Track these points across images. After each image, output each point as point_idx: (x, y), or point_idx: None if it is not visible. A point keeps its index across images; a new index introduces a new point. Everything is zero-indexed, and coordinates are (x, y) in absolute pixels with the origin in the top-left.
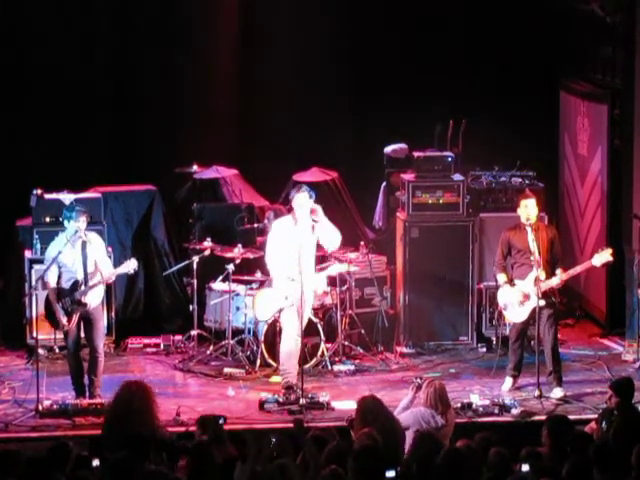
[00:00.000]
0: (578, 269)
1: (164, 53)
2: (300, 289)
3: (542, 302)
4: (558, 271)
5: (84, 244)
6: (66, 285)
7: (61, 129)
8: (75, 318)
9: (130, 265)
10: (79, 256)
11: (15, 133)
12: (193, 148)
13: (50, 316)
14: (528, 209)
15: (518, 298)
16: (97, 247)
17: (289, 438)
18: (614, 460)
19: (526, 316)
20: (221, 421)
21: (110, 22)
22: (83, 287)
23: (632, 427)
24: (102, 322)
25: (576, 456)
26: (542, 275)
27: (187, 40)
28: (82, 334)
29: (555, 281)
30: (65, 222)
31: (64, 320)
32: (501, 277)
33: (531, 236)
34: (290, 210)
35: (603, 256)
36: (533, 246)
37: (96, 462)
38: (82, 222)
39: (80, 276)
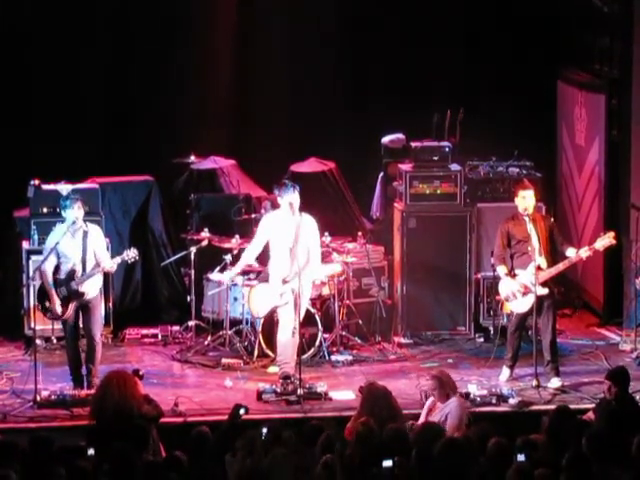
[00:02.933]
0: (583, 255)
1: (162, 44)
2: (296, 284)
3: (545, 290)
4: (570, 250)
5: (85, 234)
6: (63, 275)
7: (59, 120)
8: (71, 307)
9: (130, 254)
10: (79, 246)
11: (12, 124)
12: (190, 139)
13: (42, 304)
14: (526, 200)
15: (520, 289)
16: (96, 238)
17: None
18: (611, 450)
19: (530, 305)
20: (242, 411)
21: (109, 12)
22: (80, 276)
23: (630, 416)
24: (100, 311)
25: (576, 447)
26: (543, 264)
27: (185, 31)
28: (80, 324)
29: (580, 256)
30: (63, 212)
31: (59, 310)
32: (501, 269)
33: (530, 226)
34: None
35: (606, 240)
36: (534, 235)
37: (91, 451)
38: (78, 209)
39: (78, 266)
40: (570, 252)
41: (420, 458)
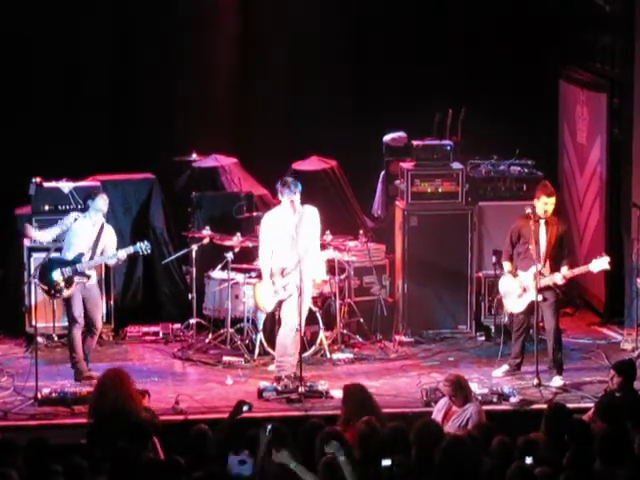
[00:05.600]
0: (576, 272)
1: (164, 42)
2: (297, 279)
3: (539, 297)
4: (564, 268)
5: (102, 227)
6: (70, 257)
7: (60, 117)
8: (74, 287)
9: (143, 247)
10: (94, 234)
11: (14, 121)
12: (192, 136)
13: (47, 278)
14: (547, 206)
15: (517, 290)
16: (109, 235)
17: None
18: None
19: (523, 308)
20: (245, 408)
21: (111, 11)
22: (87, 260)
23: (634, 410)
24: (100, 298)
25: (577, 445)
26: (546, 270)
27: (187, 29)
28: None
29: (557, 278)
30: (89, 201)
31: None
32: (506, 265)
33: (543, 229)
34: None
35: (601, 263)
36: (543, 240)
37: (91, 450)
38: (106, 198)
39: (87, 251)
40: (563, 270)
41: (420, 456)
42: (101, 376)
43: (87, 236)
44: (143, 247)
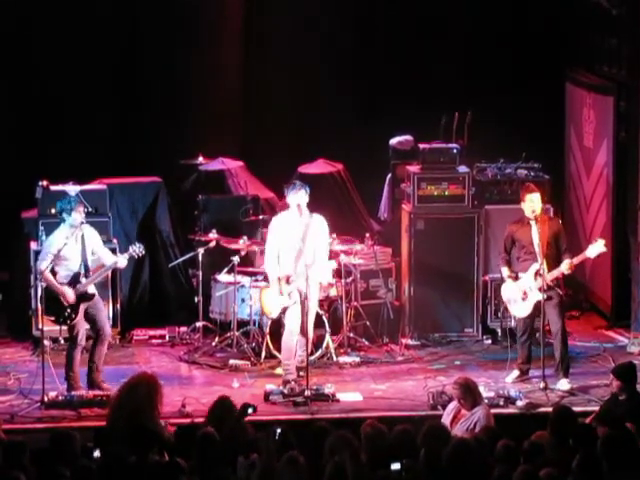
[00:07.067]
0: (575, 261)
1: (169, 45)
2: (303, 285)
3: (544, 296)
4: (565, 261)
5: (82, 236)
6: (65, 280)
7: (67, 120)
8: (81, 311)
9: (136, 249)
10: (79, 249)
11: (21, 124)
12: (199, 140)
13: (52, 308)
14: (533, 203)
15: (520, 294)
16: (92, 237)
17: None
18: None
19: (530, 310)
20: (250, 410)
21: (116, 13)
22: (84, 279)
23: (637, 412)
24: (102, 302)
25: (586, 449)
26: (544, 269)
27: (193, 32)
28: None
29: (564, 268)
30: (65, 215)
31: (71, 296)
32: (504, 270)
33: (535, 230)
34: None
35: (597, 247)
36: (536, 240)
37: (97, 453)
38: (82, 211)
39: (81, 269)
40: (563, 264)
41: (428, 460)
42: (137, 376)
43: (75, 254)
44: (137, 250)
